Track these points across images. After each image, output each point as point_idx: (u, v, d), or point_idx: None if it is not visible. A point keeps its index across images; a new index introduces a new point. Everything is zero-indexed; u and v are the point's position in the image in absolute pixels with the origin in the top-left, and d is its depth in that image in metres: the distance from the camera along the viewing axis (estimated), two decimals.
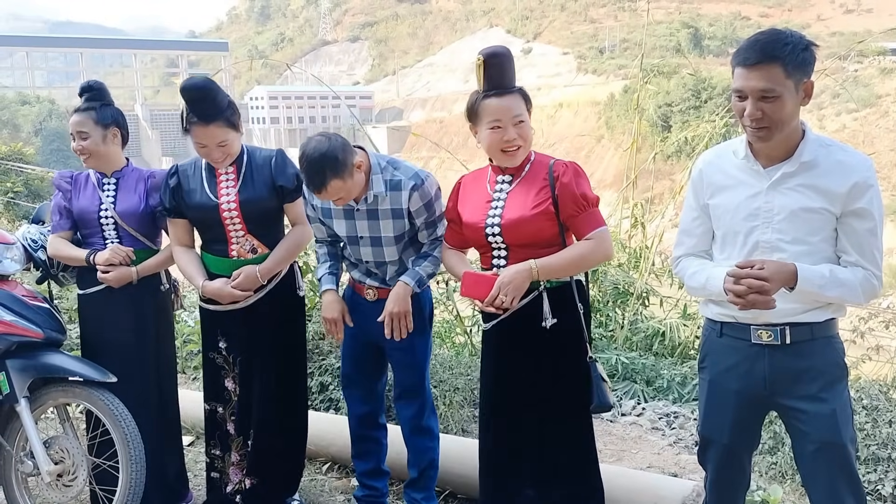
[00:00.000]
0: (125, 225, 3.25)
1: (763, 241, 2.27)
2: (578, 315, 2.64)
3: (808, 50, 2.14)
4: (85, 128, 3.20)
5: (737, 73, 2.19)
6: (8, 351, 3.09)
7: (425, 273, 2.98)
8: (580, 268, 2.64)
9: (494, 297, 2.52)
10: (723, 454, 2.47)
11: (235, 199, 3.07)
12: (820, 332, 2.28)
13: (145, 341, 3.32)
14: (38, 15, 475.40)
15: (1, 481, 3.27)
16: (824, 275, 2.18)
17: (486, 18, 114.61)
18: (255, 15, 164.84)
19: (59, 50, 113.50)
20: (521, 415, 2.70)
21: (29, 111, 76.02)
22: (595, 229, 2.59)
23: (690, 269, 2.45)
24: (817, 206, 2.20)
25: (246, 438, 3.24)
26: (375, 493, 3.31)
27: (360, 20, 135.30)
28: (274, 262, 3.12)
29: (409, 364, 3.09)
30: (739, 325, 2.33)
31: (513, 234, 2.61)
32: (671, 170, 31.75)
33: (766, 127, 2.17)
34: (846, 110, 47.88)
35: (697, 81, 46.05)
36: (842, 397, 2.29)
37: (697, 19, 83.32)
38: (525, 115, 2.61)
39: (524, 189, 2.63)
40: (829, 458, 2.28)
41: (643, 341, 6.05)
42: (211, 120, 2.96)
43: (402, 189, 2.88)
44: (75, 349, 3.69)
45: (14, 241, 3.31)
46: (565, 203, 2.57)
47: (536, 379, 2.66)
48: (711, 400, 2.47)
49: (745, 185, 2.31)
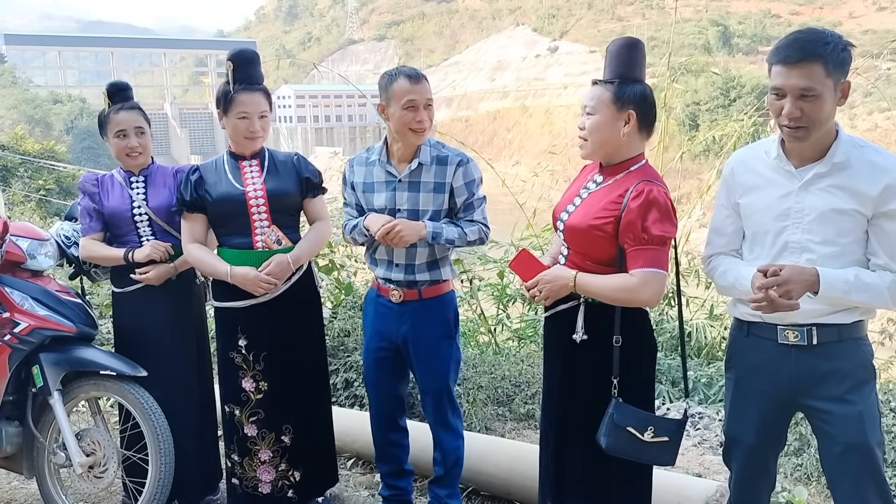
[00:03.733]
0: (159, 220, 3.28)
1: (792, 242, 2.26)
2: (611, 345, 2.42)
3: (847, 50, 2.12)
4: (141, 124, 3.26)
5: (775, 70, 2.16)
6: (42, 345, 3.15)
7: (446, 232, 2.93)
8: (616, 300, 2.39)
9: (532, 286, 2.51)
10: (748, 454, 2.45)
11: (262, 188, 3.08)
12: (848, 333, 2.26)
13: (185, 336, 3.35)
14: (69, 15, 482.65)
15: (34, 472, 3.33)
16: (848, 279, 2.15)
17: (513, 17, 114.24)
18: (282, 14, 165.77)
19: (91, 49, 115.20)
20: (548, 423, 2.66)
21: (61, 110, 77.21)
22: (643, 268, 2.32)
23: (720, 268, 2.44)
24: (848, 208, 2.18)
25: (279, 434, 3.18)
26: (400, 492, 3.33)
27: (387, 19, 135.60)
28: (303, 251, 3.13)
29: (433, 366, 3.08)
30: (766, 325, 2.31)
31: (571, 238, 2.51)
32: (699, 169, 31.42)
33: (803, 127, 2.15)
34: (878, 109, 47.00)
35: (726, 80, 45.56)
36: (869, 399, 2.27)
37: (726, 17, 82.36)
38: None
39: (602, 197, 2.44)
40: (854, 460, 2.25)
41: (669, 342, 6.01)
42: (256, 86, 3.04)
43: (449, 164, 2.95)
44: (106, 344, 3.76)
45: (48, 238, 3.38)
46: (624, 230, 2.35)
47: (561, 389, 2.57)
48: (737, 400, 2.45)
49: (776, 185, 2.29)
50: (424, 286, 3.04)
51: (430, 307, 3.06)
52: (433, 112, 2.96)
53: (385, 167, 3.00)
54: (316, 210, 3.23)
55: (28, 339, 3.12)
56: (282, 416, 3.19)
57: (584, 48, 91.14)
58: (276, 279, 3.04)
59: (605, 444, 2.38)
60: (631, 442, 2.38)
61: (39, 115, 73.63)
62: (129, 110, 3.25)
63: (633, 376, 2.46)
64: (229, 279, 3.04)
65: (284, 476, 3.23)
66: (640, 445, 2.38)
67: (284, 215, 3.14)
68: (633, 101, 2.38)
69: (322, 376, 3.39)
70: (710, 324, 6.01)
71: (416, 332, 3.05)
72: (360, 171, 3.08)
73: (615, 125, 2.39)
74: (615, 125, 2.39)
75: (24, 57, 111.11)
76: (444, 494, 3.24)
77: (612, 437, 2.37)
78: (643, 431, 2.38)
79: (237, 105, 3.01)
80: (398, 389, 3.26)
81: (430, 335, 3.05)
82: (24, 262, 3.25)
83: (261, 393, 3.17)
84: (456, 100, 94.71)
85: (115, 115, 3.24)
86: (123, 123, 3.24)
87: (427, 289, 3.04)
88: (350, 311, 4.94)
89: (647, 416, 2.42)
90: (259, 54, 3.16)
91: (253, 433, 3.19)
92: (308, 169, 3.19)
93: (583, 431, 2.47)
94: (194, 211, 3.14)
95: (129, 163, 3.30)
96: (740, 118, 7.41)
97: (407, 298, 3.03)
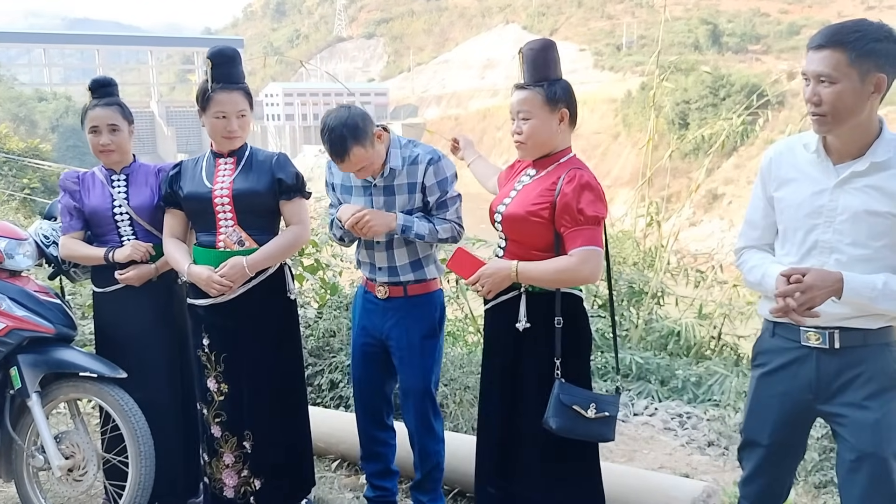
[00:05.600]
0: (140, 220, 3.24)
1: (822, 241, 2.19)
2: (553, 328, 2.55)
3: (887, 42, 2.04)
4: (116, 121, 3.20)
5: (807, 56, 2.14)
6: (20, 346, 3.10)
7: (416, 227, 2.92)
8: (559, 283, 2.53)
9: (474, 282, 2.60)
10: (762, 456, 2.40)
11: (229, 187, 3.04)
12: (874, 339, 2.19)
13: (166, 336, 3.30)
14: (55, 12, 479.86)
15: (12, 475, 3.28)
16: (876, 286, 2.08)
17: (503, 15, 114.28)
18: (270, 12, 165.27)
19: (76, 47, 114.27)
20: (498, 411, 2.71)
21: (46, 108, 76.57)
22: (581, 247, 2.46)
23: (750, 263, 2.38)
24: (883, 210, 2.11)
25: (240, 439, 3.13)
26: (385, 493, 3.30)
27: (376, 17, 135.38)
28: (263, 256, 3.03)
29: (415, 366, 3.06)
30: (791, 326, 2.25)
31: (509, 228, 2.63)
32: (688, 168, 31.57)
33: (823, 114, 2.09)
34: None
35: (715, 78, 45.70)
36: (888, 408, 2.17)
37: (716, 15, 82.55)
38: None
39: (536, 187, 2.60)
40: (867, 470, 2.17)
41: (658, 341, 6.02)
42: (235, 85, 3.00)
43: (419, 163, 2.94)
44: (88, 345, 3.70)
45: (26, 237, 3.32)
46: (560, 213, 2.49)
47: (510, 377, 2.66)
48: (757, 399, 2.41)
49: (811, 180, 2.22)
50: (410, 284, 3.03)
51: (415, 304, 3.04)
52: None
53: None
54: (290, 213, 3.12)
55: (6, 340, 3.07)
56: (242, 421, 3.13)
57: (574, 46, 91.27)
58: (230, 281, 2.98)
59: (554, 424, 2.48)
60: (577, 420, 2.50)
61: (24, 114, 72.97)
62: (105, 107, 3.20)
63: (573, 359, 2.59)
64: (185, 277, 3.05)
65: (246, 482, 3.17)
66: (585, 423, 2.50)
67: (253, 216, 3.07)
68: (564, 99, 2.55)
69: (291, 386, 3.25)
70: (699, 323, 6.01)
71: (399, 329, 3.03)
72: (339, 172, 3.07)
73: (551, 124, 2.55)
74: (551, 124, 2.55)
75: (8, 54, 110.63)
76: (425, 500, 3.21)
77: (560, 417, 2.48)
78: (586, 408, 2.51)
79: (215, 104, 2.98)
80: (384, 386, 3.23)
81: (414, 333, 3.03)
82: (2, 262, 3.19)
83: (222, 395, 3.13)
84: (445, 98, 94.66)
85: (91, 110, 3.20)
86: (96, 119, 3.19)
87: (413, 286, 3.03)
88: (335, 312, 4.90)
89: (589, 393, 2.57)
90: (240, 53, 3.12)
91: (218, 434, 3.16)
92: (284, 170, 3.09)
93: (535, 416, 2.55)
94: (171, 206, 3.14)
95: (104, 160, 3.25)
96: (729, 117, 7.41)
97: (392, 295, 3.03)
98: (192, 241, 3.19)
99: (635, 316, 6.18)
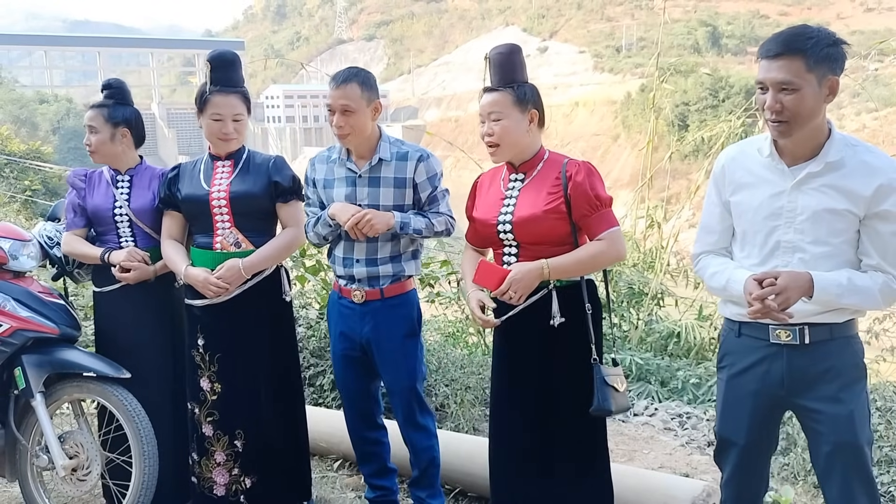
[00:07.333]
0: (139, 222, 3.26)
1: (784, 242, 2.25)
2: (586, 316, 2.62)
3: (836, 46, 2.12)
4: (95, 122, 3.24)
5: (760, 65, 2.19)
6: (24, 346, 3.12)
7: (413, 223, 2.95)
8: (592, 268, 2.63)
9: (504, 291, 2.56)
10: (740, 455, 2.44)
11: (226, 189, 3.08)
12: (839, 332, 2.25)
13: (165, 337, 3.32)
14: (56, 14, 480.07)
15: (17, 475, 3.30)
16: (841, 283, 2.14)
17: (503, 17, 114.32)
18: (271, 14, 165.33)
19: (77, 49, 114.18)
20: (527, 414, 2.69)
21: (47, 110, 76.56)
22: (607, 229, 2.58)
23: (710, 269, 2.42)
24: (841, 208, 2.17)
25: (232, 438, 3.16)
26: (385, 492, 3.31)
27: (376, 19, 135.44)
28: (259, 258, 3.07)
29: (399, 366, 3.06)
30: (758, 325, 2.30)
31: (524, 232, 2.62)
32: (688, 169, 31.54)
33: (784, 121, 2.15)
34: (866, 110, 47.27)
35: (715, 80, 45.78)
36: (860, 398, 2.27)
37: (715, 17, 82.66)
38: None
39: (536, 187, 2.64)
40: (844, 459, 2.25)
41: (658, 342, 6.03)
42: (232, 89, 3.05)
43: (409, 160, 2.99)
44: (90, 346, 3.72)
45: (30, 238, 3.34)
46: (578, 203, 2.56)
47: (542, 378, 2.66)
48: (729, 400, 2.45)
49: (768, 183, 2.28)
50: (387, 284, 3.02)
51: (392, 306, 3.05)
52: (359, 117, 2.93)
53: (345, 164, 3.03)
54: (286, 216, 3.16)
55: (10, 340, 3.09)
56: (234, 420, 3.16)
57: (573, 48, 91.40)
58: (227, 283, 3.02)
59: (612, 406, 2.55)
60: (615, 396, 2.57)
61: (25, 116, 72.95)
62: (93, 108, 3.27)
63: (599, 339, 2.67)
64: (182, 278, 3.09)
65: (237, 481, 3.20)
66: (620, 397, 2.59)
67: (250, 218, 3.11)
68: (532, 101, 2.63)
69: (285, 387, 3.26)
70: (700, 324, 6.03)
71: (378, 332, 3.03)
72: (322, 168, 3.10)
73: (522, 125, 2.62)
74: (522, 125, 2.62)
75: (9, 56, 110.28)
76: (424, 496, 3.22)
77: (608, 398, 2.55)
78: (620, 383, 2.62)
79: (211, 106, 3.04)
80: (370, 388, 3.24)
81: (395, 335, 3.04)
82: (6, 264, 3.22)
83: (216, 394, 3.16)
84: (446, 100, 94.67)
85: (87, 111, 3.29)
86: (86, 119, 3.29)
87: (389, 287, 3.03)
88: None
89: (615, 368, 2.66)
90: (240, 57, 3.17)
91: (209, 433, 3.18)
92: (281, 173, 3.12)
93: (573, 407, 2.62)
94: (169, 208, 3.18)
95: (93, 160, 3.32)
96: (729, 118, 7.43)
97: (369, 298, 3.03)
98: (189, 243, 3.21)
99: (635, 317, 6.19)
